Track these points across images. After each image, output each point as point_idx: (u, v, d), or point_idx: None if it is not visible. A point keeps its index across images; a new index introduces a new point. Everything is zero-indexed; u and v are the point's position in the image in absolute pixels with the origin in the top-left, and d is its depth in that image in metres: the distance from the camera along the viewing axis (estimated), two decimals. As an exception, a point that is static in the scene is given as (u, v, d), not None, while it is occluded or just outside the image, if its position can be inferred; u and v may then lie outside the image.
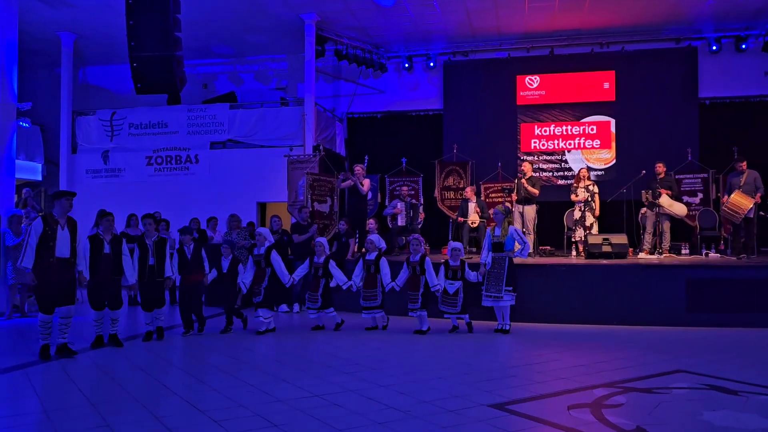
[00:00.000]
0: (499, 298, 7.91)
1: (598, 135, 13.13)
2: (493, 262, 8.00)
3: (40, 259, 6.26)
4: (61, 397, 5.08)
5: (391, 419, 4.41)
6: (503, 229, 8.02)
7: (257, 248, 8.03)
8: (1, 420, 4.44)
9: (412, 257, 8.08)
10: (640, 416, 4.49)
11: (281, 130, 12.75)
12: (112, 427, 4.22)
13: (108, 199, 12.58)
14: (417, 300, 7.91)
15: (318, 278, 8.13)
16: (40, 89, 14.14)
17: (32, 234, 6.25)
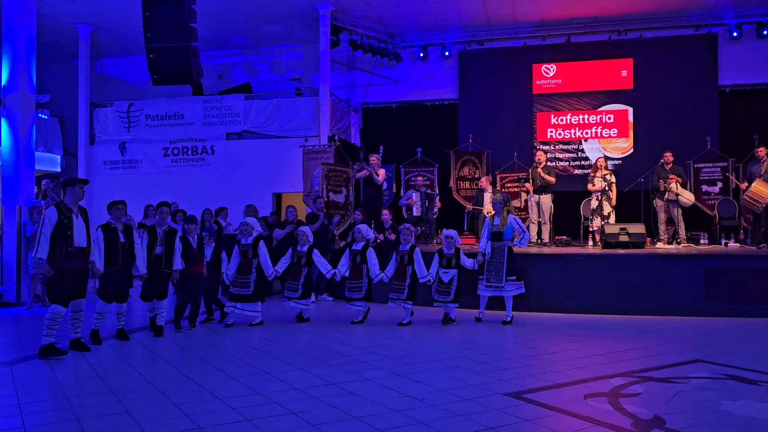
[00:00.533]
0: (500, 288, 7.86)
1: (616, 124, 12.98)
2: (493, 251, 7.95)
3: (57, 249, 5.92)
4: (81, 384, 5.16)
5: (408, 407, 4.42)
6: (502, 218, 7.98)
7: (244, 238, 7.86)
8: (23, 406, 4.51)
9: (402, 247, 7.97)
10: (658, 405, 4.46)
11: (296, 121, 12.76)
12: (131, 414, 4.28)
13: (125, 190, 12.70)
14: (403, 290, 7.82)
15: (300, 267, 7.99)
16: (58, 82, 14.26)
17: (46, 223, 5.91)
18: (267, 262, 7.83)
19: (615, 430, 3.97)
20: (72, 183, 6.32)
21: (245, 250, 7.79)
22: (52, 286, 6.11)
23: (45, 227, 5.95)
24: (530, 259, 9.05)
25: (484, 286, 7.99)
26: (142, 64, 12.29)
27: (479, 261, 8.00)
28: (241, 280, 7.72)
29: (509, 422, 4.11)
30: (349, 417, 4.21)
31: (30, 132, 10.23)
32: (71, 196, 6.23)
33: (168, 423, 4.10)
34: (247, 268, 7.74)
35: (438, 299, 7.91)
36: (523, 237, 7.97)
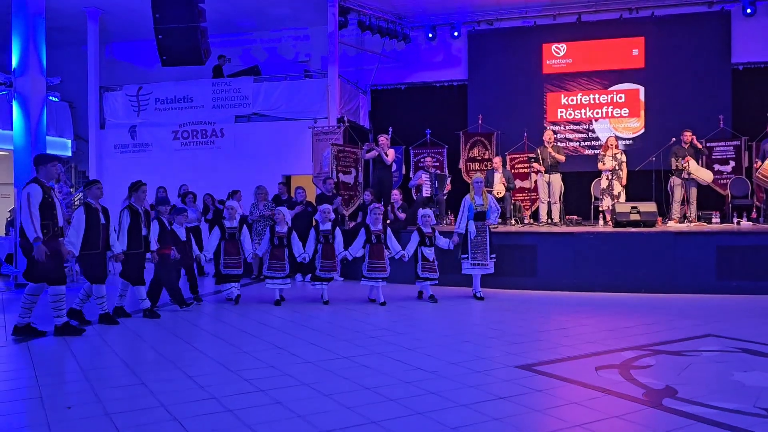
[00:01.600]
0: (485, 266, 8.09)
1: (627, 103, 12.87)
2: (477, 230, 8.10)
3: (45, 229, 5.71)
4: (98, 359, 5.22)
5: (419, 378, 4.45)
6: (484, 198, 8.13)
7: (228, 221, 7.98)
8: (41, 378, 4.58)
9: (374, 226, 7.97)
10: (670, 376, 4.46)
11: (305, 103, 12.74)
12: (147, 385, 4.33)
13: (136, 173, 12.64)
14: (384, 269, 7.85)
15: (282, 248, 7.94)
16: (68, 66, 14.29)
17: (33, 201, 5.64)
18: (247, 246, 8.05)
19: (626, 399, 3.98)
20: (45, 161, 5.97)
21: (232, 232, 7.97)
22: (47, 267, 5.79)
23: (33, 206, 5.64)
24: (540, 237, 9.05)
25: (469, 265, 8.12)
26: (150, 48, 12.31)
27: (455, 241, 8.14)
28: (233, 261, 7.93)
29: (521, 392, 4.13)
30: (361, 388, 4.25)
31: (41, 114, 10.27)
32: (45, 173, 5.90)
33: (182, 394, 4.15)
34: (236, 250, 7.97)
35: (425, 276, 8.00)
36: (497, 215, 8.31)
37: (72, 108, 14.74)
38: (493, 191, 10.84)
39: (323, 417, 3.67)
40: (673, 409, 3.77)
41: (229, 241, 7.96)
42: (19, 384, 4.49)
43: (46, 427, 3.54)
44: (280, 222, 8.05)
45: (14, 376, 4.70)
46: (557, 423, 3.56)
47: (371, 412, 3.75)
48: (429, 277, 7.97)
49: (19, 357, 5.27)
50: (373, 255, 7.90)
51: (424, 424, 3.56)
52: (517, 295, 8.48)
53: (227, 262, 7.95)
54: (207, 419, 3.65)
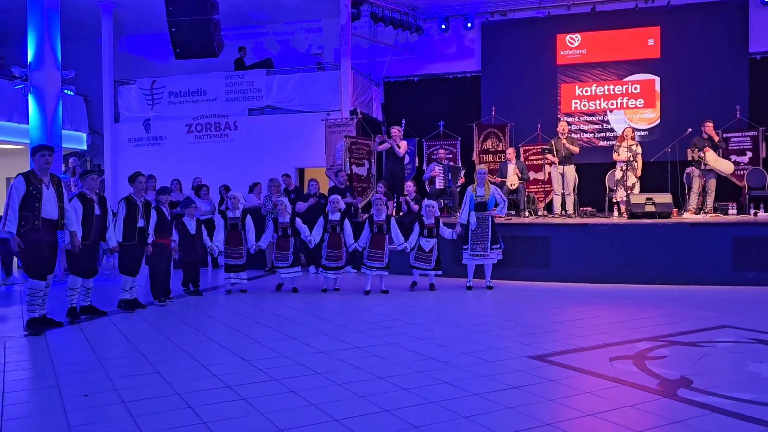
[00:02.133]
0: (485, 256, 8.10)
1: (642, 94, 12.73)
2: (478, 221, 8.12)
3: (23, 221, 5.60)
4: (113, 348, 5.27)
5: (431, 368, 4.46)
6: (486, 189, 8.15)
7: (231, 211, 8.01)
8: (57, 367, 4.64)
9: (377, 217, 8.02)
10: (684, 367, 4.43)
11: (318, 96, 12.73)
12: (162, 374, 4.37)
13: (150, 166, 12.76)
14: (382, 259, 7.91)
15: (287, 237, 8.07)
16: (82, 60, 14.37)
17: (13, 194, 5.60)
18: (251, 237, 8.05)
19: (640, 389, 3.96)
20: (35, 151, 5.89)
21: (234, 223, 7.98)
22: (26, 261, 5.76)
23: (12, 198, 5.59)
24: (554, 229, 9.00)
25: (469, 255, 8.17)
26: (163, 41, 12.35)
27: (458, 231, 8.17)
28: (234, 252, 7.95)
29: (534, 382, 4.12)
30: (374, 377, 4.26)
31: (56, 107, 10.37)
32: (36, 164, 5.80)
33: (197, 383, 4.18)
34: (238, 240, 7.99)
35: (417, 266, 8.09)
36: (503, 206, 8.26)
37: (87, 102, 14.85)
38: (507, 183, 10.80)
39: (336, 405, 3.69)
40: (687, 399, 3.74)
41: (231, 232, 7.98)
42: (37, 373, 4.56)
43: (63, 415, 3.59)
44: (282, 212, 8.11)
45: (32, 365, 4.77)
46: (570, 412, 3.56)
47: (384, 401, 3.77)
48: (420, 267, 8.07)
49: (35, 346, 5.34)
50: (372, 245, 7.96)
51: (437, 412, 3.56)
52: (531, 286, 8.46)
53: (228, 252, 8.00)
54: (221, 407, 3.68)
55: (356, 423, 3.40)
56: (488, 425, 3.35)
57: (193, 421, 3.45)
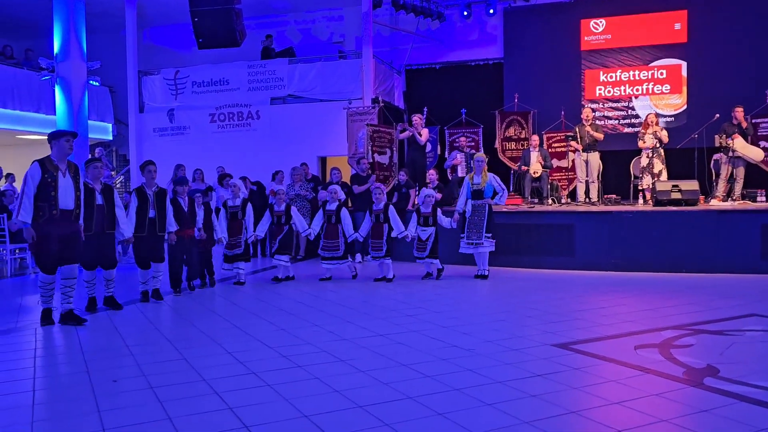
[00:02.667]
0: (479, 245, 8.02)
1: (668, 79, 12.51)
2: (473, 209, 8.05)
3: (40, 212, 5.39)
4: (141, 335, 5.37)
5: (455, 356, 4.46)
6: (483, 177, 8.05)
7: (232, 200, 7.90)
8: (87, 354, 4.74)
9: (375, 206, 8.05)
10: (711, 356, 4.38)
11: (340, 84, 12.73)
12: (188, 361, 4.44)
13: (174, 156, 12.93)
14: (381, 248, 7.93)
15: (281, 226, 8.01)
16: (107, 51, 14.55)
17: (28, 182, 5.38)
18: (251, 225, 7.91)
19: (666, 378, 3.92)
20: (58, 136, 5.60)
21: (234, 211, 7.85)
22: (36, 252, 5.57)
23: (27, 186, 5.32)
24: (578, 217, 8.92)
25: (465, 244, 8.12)
26: (186, 32, 12.44)
27: (456, 219, 8.13)
28: (234, 241, 7.83)
29: (558, 370, 4.10)
30: (398, 364, 4.28)
31: (82, 98, 10.52)
32: (57, 150, 5.52)
33: (223, 369, 4.24)
34: (238, 230, 7.84)
35: (417, 256, 8.15)
36: (501, 195, 8.09)
37: (112, 92, 15.04)
38: (530, 170, 10.72)
39: (360, 392, 3.72)
40: (714, 388, 3.70)
41: (231, 221, 7.83)
42: (67, 358, 4.66)
43: (92, 399, 3.67)
44: (278, 201, 8.01)
45: (62, 351, 4.88)
46: (595, 400, 3.54)
47: (408, 388, 3.78)
48: (418, 256, 8.10)
49: (66, 333, 5.45)
50: (372, 234, 8.00)
51: (461, 399, 3.57)
52: (554, 274, 8.41)
53: (229, 242, 7.81)
54: (247, 393, 3.73)
55: (380, 410, 3.42)
56: (512, 413, 3.35)
57: (219, 407, 3.50)
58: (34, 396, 3.77)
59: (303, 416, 3.35)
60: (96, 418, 3.36)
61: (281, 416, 3.36)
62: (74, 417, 3.42)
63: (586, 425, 3.20)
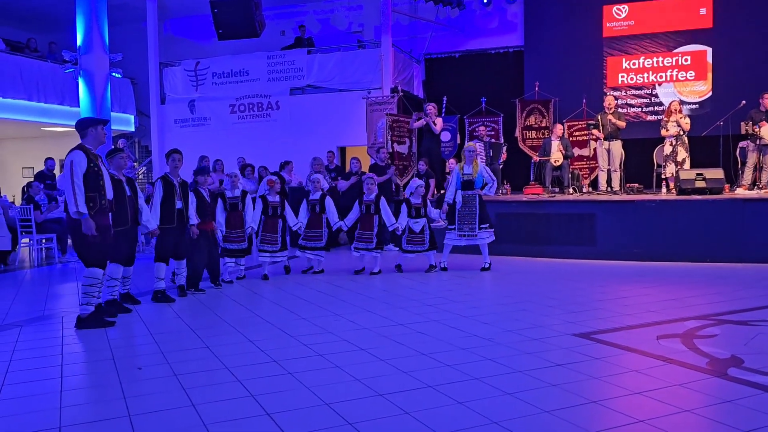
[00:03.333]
0: (474, 236, 7.87)
1: (693, 66, 12.30)
2: (464, 200, 7.87)
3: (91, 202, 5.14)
4: (165, 324, 5.45)
5: (475, 345, 4.47)
6: (474, 167, 7.89)
7: (230, 191, 7.44)
8: (112, 341, 4.83)
9: (366, 196, 7.88)
10: (736, 346, 4.32)
11: (359, 74, 12.71)
12: (211, 349, 4.50)
13: (195, 147, 13.04)
14: (371, 240, 7.79)
15: (276, 218, 7.68)
16: (128, 43, 14.67)
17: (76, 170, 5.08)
18: (250, 218, 7.47)
19: (689, 368, 3.88)
20: (92, 123, 5.35)
21: (234, 203, 7.41)
22: (89, 245, 5.15)
23: (77, 176, 5.01)
24: (599, 206, 8.84)
25: (456, 236, 7.93)
26: (206, 23, 12.50)
27: (444, 210, 7.96)
28: (232, 235, 7.38)
29: (578, 360, 4.08)
30: (418, 353, 4.29)
31: (105, 90, 10.65)
32: (93, 138, 5.28)
33: (244, 357, 4.29)
34: (239, 222, 7.41)
35: (411, 249, 7.94)
36: (491, 185, 7.94)
37: (134, 84, 15.19)
38: (551, 159, 10.63)
39: (381, 381, 3.74)
40: (738, 378, 3.66)
41: (230, 213, 7.36)
42: (93, 346, 4.74)
43: (118, 385, 3.74)
44: (270, 191, 7.70)
45: (87, 339, 4.96)
46: (616, 390, 3.52)
47: (428, 376, 3.80)
48: (414, 250, 7.91)
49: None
50: (361, 226, 7.88)
51: (481, 388, 3.58)
52: (575, 264, 8.35)
53: (227, 236, 7.35)
54: (268, 381, 3.78)
55: (400, 398, 3.44)
56: (532, 402, 3.34)
57: (241, 394, 3.55)
58: (62, 383, 3.85)
59: (324, 404, 3.38)
60: (122, 404, 3.42)
61: (303, 404, 3.39)
62: (101, 403, 3.49)
63: (607, 415, 3.18)
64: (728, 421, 3.07)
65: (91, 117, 5.64)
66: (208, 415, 3.26)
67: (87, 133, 5.28)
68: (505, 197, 10.29)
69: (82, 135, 5.29)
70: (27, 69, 12.54)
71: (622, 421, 3.08)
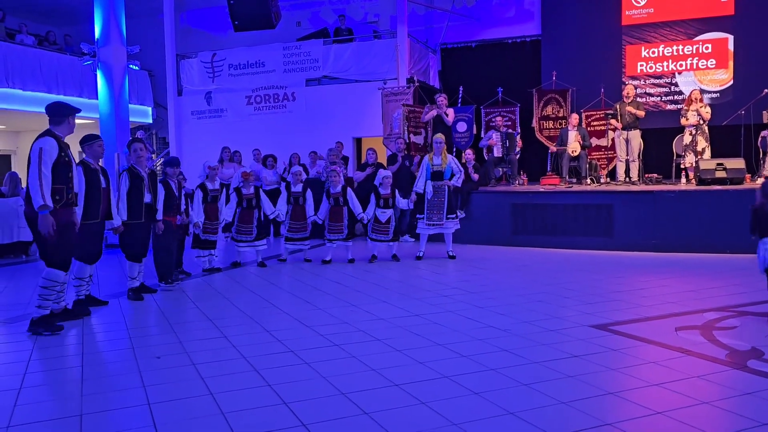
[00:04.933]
0: (441, 225, 8.04)
1: (714, 54, 12.09)
2: (434, 190, 8.02)
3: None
4: (183, 314, 5.50)
5: (491, 336, 4.46)
6: (443, 158, 8.02)
7: (210, 182, 7.49)
8: (131, 331, 4.89)
9: (333, 189, 7.92)
10: (756, 338, 4.27)
11: (375, 64, 12.67)
12: (228, 339, 4.54)
13: (212, 138, 13.15)
14: (342, 231, 7.89)
15: (251, 210, 7.78)
16: (145, 36, 14.75)
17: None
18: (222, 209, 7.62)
19: (708, 360, 3.85)
20: (67, 112, 4.92)
21: (215, 195, 7.53)
22: (53, 244, 4.74)
23: (45, 164, 4.61)
24: (616, 196, 8.76)
25: (425, 225, 8.13)
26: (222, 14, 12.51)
27: (413, 200, 8.13)
28: (211, 226, 7.48)
29: (595, 351, 4.06)
30: (433, 344, 4.30)
31: (123, 82, 10.71)
32: (66, 127, 4.91)
33: (261, 347, 4.33)
34: (216, 214, 7.54)
35: (376, 238, 8.04)
36: (459, 176, 8.11)
37: (151, 76, 15.28)
38: (568, 149, 10.54)
39: (396, 371, 3.75)
40: (758, 371, 3.62)
41: (209, 204, 7.45)
42: (113, 336, 4.81)
43: (137, 374, 3.79)
44: (246, 184, 7.67)
45: (107, 329, 5.03)
46: (634, 381, 3.50)
47: (444, 367, 3.80)
48: (378, 239, 8.02)
49: (111, 311, 5.62)
50: (331, 217, 7.94)
51: (497, 379, 3.57)
52: (593, 255, 8.29)
53: (206, 227, 7.42)
54: (285, 371, 3.80)
55: (415, 388, 3.45)
56: (549, 393, 3.33)
57: (258, 384, 3.58)
58: (82, 371, 3.91)
59: (340, 393, 3.40)
60: (141, 393, 3.47)
61: (319, 393, 3.41)
62: (121, 391, 3.54)
63: (624, 406, 3.17)
64: (748, 413, 3.03)
65: (67, 104, 4.94)
66: (226, 404, 3.29)
67: (62, 120, 4.86)
68: (521, 188, 10.23)
69: (57, 122, 4.84)
70: (47, 62, 12.67)
71: (639, 413, 3.06)
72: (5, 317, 5.45)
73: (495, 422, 2.99)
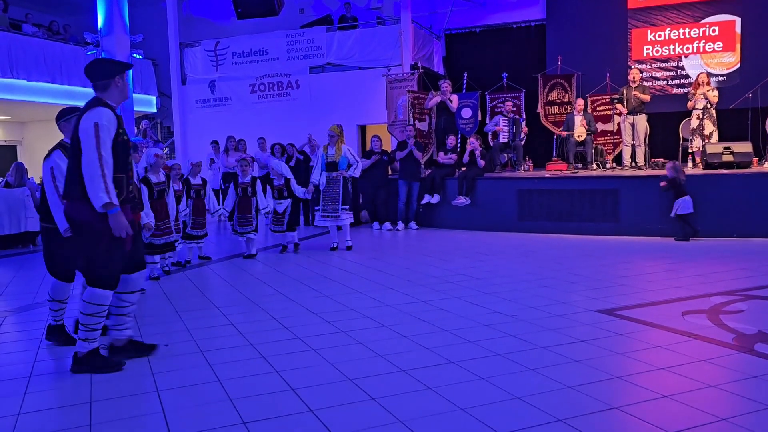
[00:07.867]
0: (337, 217, 7.98)
1: (721, 37, 11.97)
2: (328, 182, 7.95)
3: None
4: (190, 301, 5.53)
5: (498, 322, 4.47)
6: (337, 149, 7.95)
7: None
8: (139, 318, 4.91)
9: (241, 179, 7.75)
10: (763, 322, 4.27)
11: (379, 51, 12.62)
12: (235, 326, 4.56)
13: (217, 127, 13.16)
14: (251, 222, 7.71)
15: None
16: (149, 25, 14.72)
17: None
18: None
19: (715, 343, 3.85)
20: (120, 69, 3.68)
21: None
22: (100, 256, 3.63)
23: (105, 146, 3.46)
24: (622, 181, 8.72)
25: (320, 217, 8.08)
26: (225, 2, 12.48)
27: (310, 190, 8.10)
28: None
29: (601, 336, 4.07)
30: (440, 330, 4.31)
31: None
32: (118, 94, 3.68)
33: (268, 334, 4.35)
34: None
35: (275, 229, 8.10)
36: (356, 166, 8.03)
37: (155, 65, 15.27)
38: (574, 134, 10.49)
39: (403, 357, 3.76)
40: (765, 354, 3.62)
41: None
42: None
43: (146, 361, 3.81)
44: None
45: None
46: (640, 366, 3.50)
47: (450, 352, 3.81)
48: (276, 230, 8.06)
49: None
50: (239, 209, 7.77)
51: (503, 364, 3.58)
52: (598, 240, 8.28)
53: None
54: (292, 357, 3.82)
55: (422, 374, 3.46)
56: (555, 377, 3.34)
57: (266, 370, 3.60)
58: (91, 359, 3.93)
59: (347, 379, 3.41)
60: (150, 380, 3.50)
61: (326, 379, 3.43)
62: (130, 378, 3.57)
63: (631, 390, 3.17)
64: (755, 396, 3.04)
65: (112, 59, 4.01)
66: (234, 390, 3.31)
67: (109, 84, 3.63)
68: (527, 173, 10.21)
69: (103, 86, 3.63)
70: (50, 52, 12.67)
71: (646, 396, 3.07)
72: (15, 306, 5.49)
73: (502, 407, 3.00)
